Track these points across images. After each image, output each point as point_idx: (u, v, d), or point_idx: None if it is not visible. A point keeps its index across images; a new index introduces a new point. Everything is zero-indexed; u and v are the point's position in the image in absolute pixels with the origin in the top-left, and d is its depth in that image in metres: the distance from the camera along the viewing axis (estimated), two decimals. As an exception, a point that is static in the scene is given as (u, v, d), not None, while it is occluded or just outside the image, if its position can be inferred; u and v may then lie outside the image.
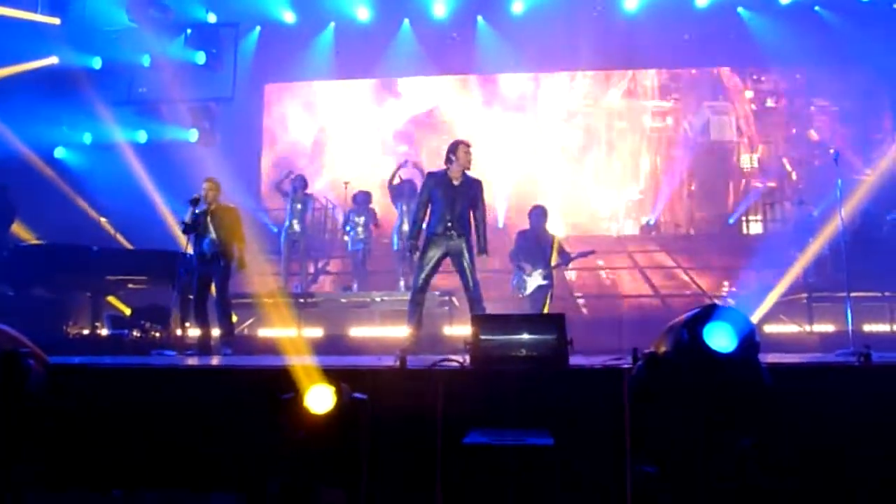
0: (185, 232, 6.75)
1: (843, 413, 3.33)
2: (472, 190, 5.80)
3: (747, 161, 11.84)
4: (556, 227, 11.08)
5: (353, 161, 12.08)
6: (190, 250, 7.80)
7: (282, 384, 3.31)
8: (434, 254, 5.69)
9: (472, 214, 5.79)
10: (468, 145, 5.86)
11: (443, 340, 7.59)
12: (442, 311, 8.18)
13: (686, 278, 10.77)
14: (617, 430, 3.35)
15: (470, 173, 5.90)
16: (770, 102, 11.96)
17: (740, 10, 11.45)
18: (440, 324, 8.10)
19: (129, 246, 9.53)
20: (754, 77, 12.06)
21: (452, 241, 5.67)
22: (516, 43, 11.38)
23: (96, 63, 10.87)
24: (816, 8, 11.25)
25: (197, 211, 6.70)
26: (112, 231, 10.10)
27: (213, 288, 6.73)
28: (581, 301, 10.51)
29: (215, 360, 5.50)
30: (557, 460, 3.10)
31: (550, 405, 3.51)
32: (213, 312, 6.73)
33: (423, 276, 5.68)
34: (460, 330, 7.64)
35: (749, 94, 12.04)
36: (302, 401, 3.18)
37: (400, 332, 7.77)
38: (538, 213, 7.76)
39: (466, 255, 5.68)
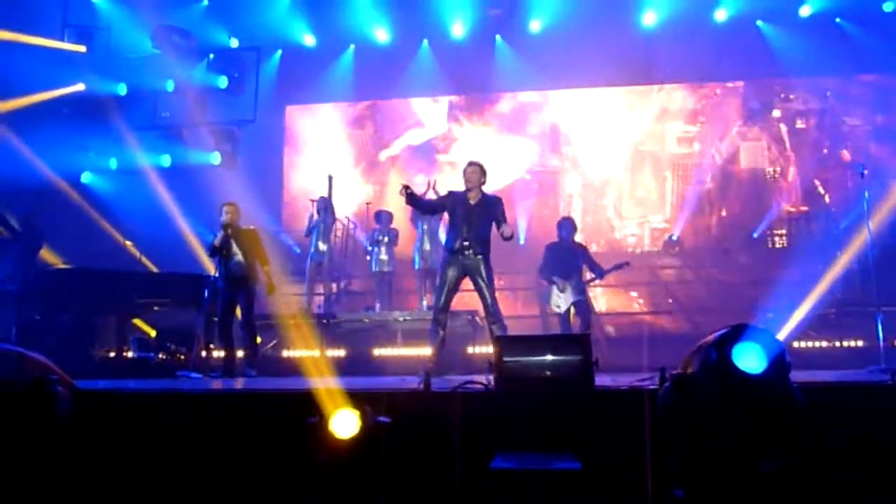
0: (211, 255, 6.85)
1: (877, 433, 3.24)
2: (491, 208, 5.80)
3: (778, 184, 11.64)
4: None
5: (370, 182, 12.19)
6: (214, 272, 7.91)
7: (306, 408, 3.32)
8: (453, 273, 5.70)
9: (497, 231, 5.76)
10: (474, 164, 5.90)
11: (466, 360, 7.57)
12: (465, 331, 8.15)
13: (707, 293, 10.61)
14: (648, 452, 3.31)
15: (489, 192, 5.91)
16: (800, 123, 11.72)
17: (759, 23, 11.39)
18: (463, 344, 8.07)
19: (154, 269, 9.64)
20: (782, 96, 11.85)
21: (469, 260, 5.67)
22: (534, 61, 11.43)
23: (121, 89, 11.09)
24: (837, 20, 11.13)
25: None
26: (137, 254, 10.23)
27: (237, 310, 6.79)
28: (604, 319, 10.40)
29: (240, 383, 5.52)
30: (583, 484, 3.06)
31: (576, 427, 3.47)
32: (236, 334, 6.77)
33: (443, 295, 5.69)
34: (482, 349, 7.60)
35: (777, 113, 11.84)
36: (327, 425, 3.19)
37: (422, 351, 7.76)
38: (567, 225, 7.59)
39: (484, 273, 5.67)
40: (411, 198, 5.74)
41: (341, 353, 8.22)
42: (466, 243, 5.66)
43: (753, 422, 2.79)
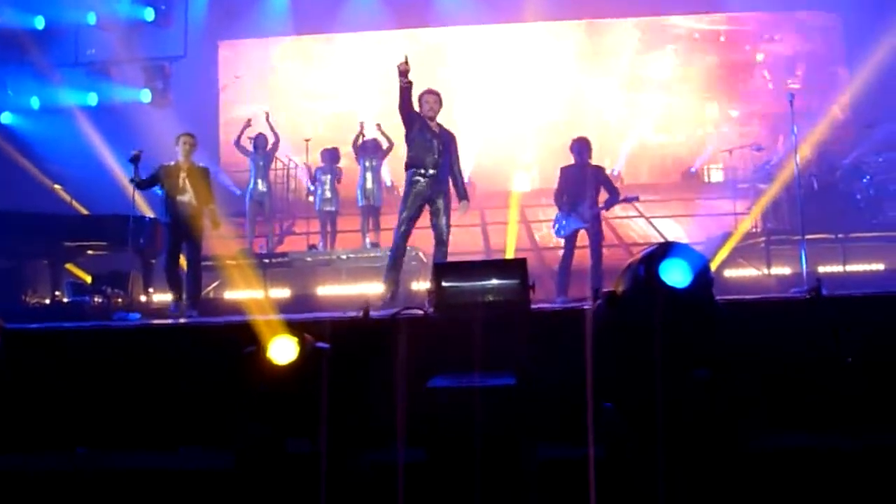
0: (138, 187, 6.49)
1: (794, 344, 3.45)
2: (450, 142, 5.71)
3: (710, 113, 11.92)
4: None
5: (312, 119, 11.89)
6: (148, 213, 7.66)
7: (245, 338, 3.30)
8: (421, 194, 5.57)
9: (450, 167, 5.69)
10: (436, 93, 5.70)
11: (412, 296, 7.62)
12: (409, 267, 8.18)
13: (649, 227, 10.90)
14: (580, 369, 3.43)
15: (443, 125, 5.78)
16: (737, 57, 12.02)
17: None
18: (408, 280, 8.11)
19: (85, 212, 9.28)
20: (722, 38, 12.09)
21: (437, 185, 5.59)
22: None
23: (39, 23, 10.38)
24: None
25: (167, 164, 6.42)
26: (68, 198, 9.81)
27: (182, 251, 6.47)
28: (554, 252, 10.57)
29: (181, 321, 5.44)
30: (522, 402, 3.16)
31: (514, 349, 3.56)
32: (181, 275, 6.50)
33: (410, 218, 5.60)
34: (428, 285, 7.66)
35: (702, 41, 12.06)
36: (265, 353, 3.18)
37: (366, 288, 7.79)
38: (580, 145, 6.81)
39: (446, 200, 5.65)
40: (405, 75, 5.39)
41: (285, 292, 8.17)
42: (434, 171, 5.55)
43: (679, 333, 2.91)
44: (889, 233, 8.63)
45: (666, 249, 2.89)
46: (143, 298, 7.63)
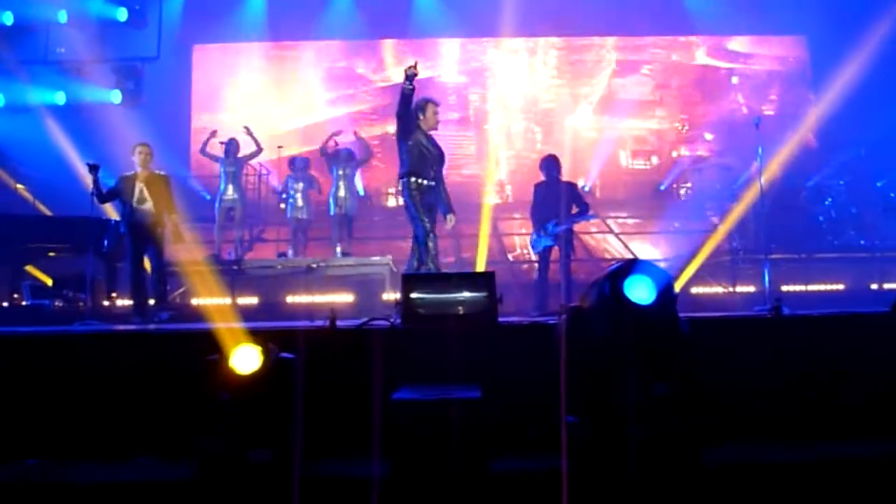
0: (99, 201, 6.57)
1: (755, 361, 3.51)
2: (442, 155, 5.66)
3: (675, 131, 12.13)
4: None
5: (287, 125, 11.80)
6: (114, 216, 7.55)
7: (208, 347, 3.24)
8: (425, 208, 5.47)
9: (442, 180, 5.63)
10: (435, 104, 5.60)
11: (383, 305, 7.58)
12: (381, 277, 8.16)
13: (619, 243, 11.03)
14: (547, 382, 3.43)
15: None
16: (707, 78, 12.27)
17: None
18: (380, 290, 8.08)
19: (48, 213, 9.08)
20: (683, 45, 12.32)
21: (439, 195, 5.56)
22: (457, 7, 11.30)
23: (7, 18, 10.17)
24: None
25: (125, 175, 6.49)
26: (31, 198, 9.59)
27: (146, 259, 6.55)
28: (525, 266, 10.63)
29: (148, 327, 5.34)
30: (489, 415, 3.16)
31: (482, 361, 3.56)
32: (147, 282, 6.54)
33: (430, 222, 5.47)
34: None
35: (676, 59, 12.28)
36: (227, 362, 3.13)
37: (336, 298, 7.75)
38: (549, 163, 7.01)
39: (435, 212, 5.60)
40: (411, 79, 5.25)
41: (254, 300, 8.07)
42: (433, 183, 5.49)
43: (643, 349, 2.94)
44: (849, 254, 8.89)
45: (631, 266, 2.93)
46: (105, 303, 7.48)
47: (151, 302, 6.47)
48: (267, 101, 12.05)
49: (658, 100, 12.27)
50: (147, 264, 6.55)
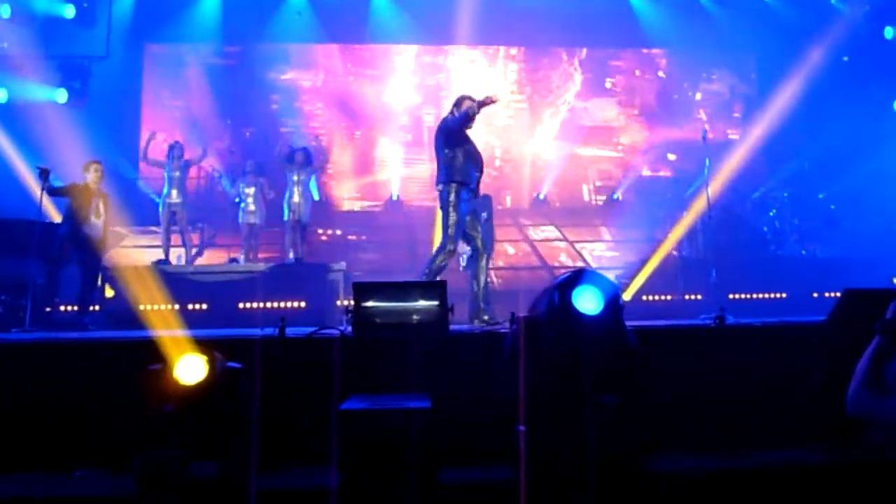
0: (49, 193, 6.84)
1: (699, 369, 3.60)
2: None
3: (638, 151, 12.33)
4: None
5: (239, 129, 11.62)
6: (57, 219, 7.38)
7: (151, 356, 3.16)
8: (466, 210, 5.42)
9: None
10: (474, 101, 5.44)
11: (339, 311, 7.51)
12: (335, 284, 8.10)
13: (573, 251, 11.18)
14: (497, 392, 3.45)
15: None
16: (650, 83, 12.52)
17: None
18: (335, 297, 8.02)
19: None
20: (645, 66, 12.56)
21: (478, 199, 5.60)
22: (408, 14, 11.33)
23: (-56, 12, 9.76)
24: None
25: (79, 184, 6.91)
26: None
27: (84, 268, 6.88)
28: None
29: (82, 335, 5.17)
30: (440, 425, 3.16)
31: (432, 371, 3.56)
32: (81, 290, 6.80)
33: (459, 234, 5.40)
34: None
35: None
36: (171, 371, 3.05)
37: (289, 304, 7.65)
38: None
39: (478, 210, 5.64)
40: (485, 105, 5.27)
41: (203, 306, 7.90)
42: (477, 187, 5.48)
43: (590, 359, 2.98)
44: (791, 264, 9.23)
45: (579, 276, 2.97)
46: (47, 309, 7.20)
47: (92, 308, 6.51)
48: (220, 103, 11.82)
49: (623, 125, 12.43)
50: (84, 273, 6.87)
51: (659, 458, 3.22)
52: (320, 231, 10.65)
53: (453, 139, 5.39)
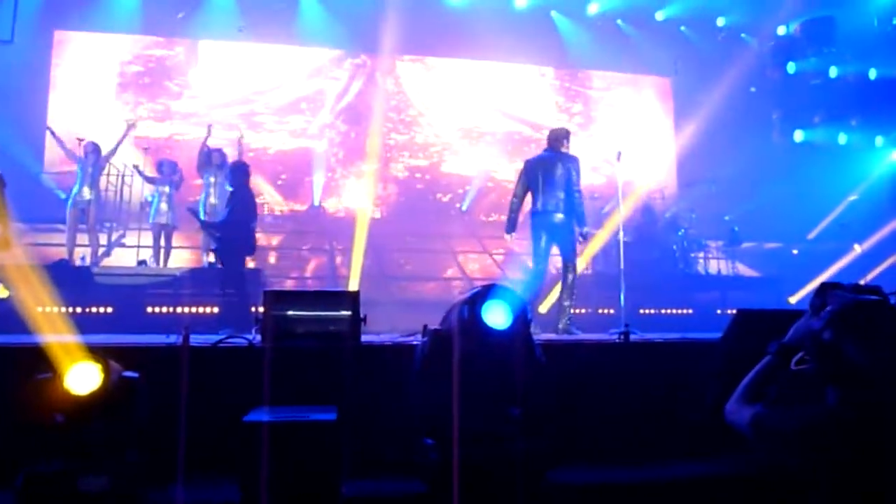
0: None
1: (603, 383, 3.71)
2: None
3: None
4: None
5: (153, 126, 11.16)
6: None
7: (40, 364, 2.97)
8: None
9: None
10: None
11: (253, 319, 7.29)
12: (253, 289, 7.87)
13: (490, 262, 11.32)
14: (408, 404, 3.45)
15: None
16: (575, 104, 12.92)
17: (554, 13, 12.26)
18: (249, 304, 7.78)
19: None
20: (564, 78, 12.94)
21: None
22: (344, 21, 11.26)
23: None
24: (619, 21, 12.39)
25: None
26: None
27: None
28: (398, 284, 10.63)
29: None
30: (346, 436, 3.12)
31: (342, 382, 3.52)
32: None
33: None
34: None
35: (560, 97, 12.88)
36: (62, 380, 2.88)
37: (201, 310, 7.39)
38: None
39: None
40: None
41: (109, 309, 7.51)
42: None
43: (498, 372, 3.03)
44: (697, 281, 9.71)
45: (488, 291, 3.01)
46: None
47: None
48: (133, 99, 11.33)
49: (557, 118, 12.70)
50: None
51: (562, 470, 3.30)
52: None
53: None
